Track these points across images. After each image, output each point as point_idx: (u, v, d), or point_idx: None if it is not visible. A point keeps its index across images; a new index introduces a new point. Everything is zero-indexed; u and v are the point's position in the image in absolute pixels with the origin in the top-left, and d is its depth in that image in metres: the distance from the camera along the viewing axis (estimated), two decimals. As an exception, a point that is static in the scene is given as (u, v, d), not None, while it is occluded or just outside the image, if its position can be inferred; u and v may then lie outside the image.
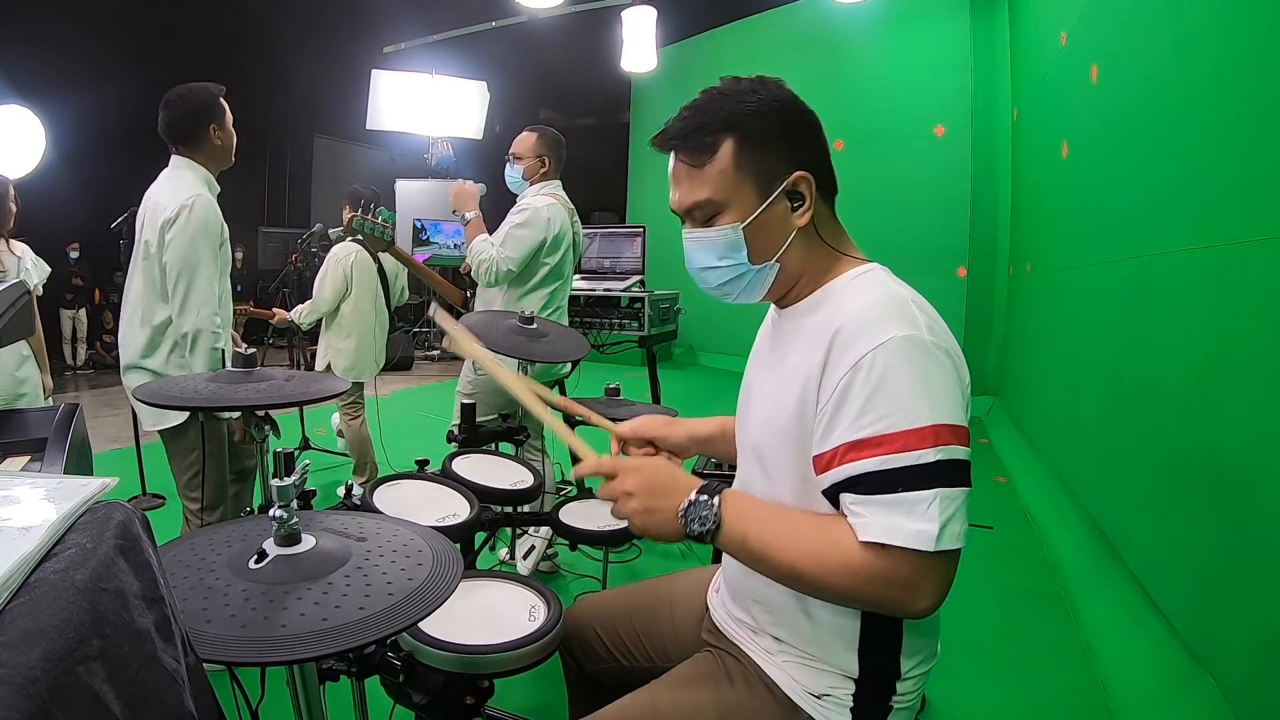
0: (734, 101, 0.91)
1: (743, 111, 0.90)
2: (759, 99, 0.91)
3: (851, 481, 0.80)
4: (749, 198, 0.90)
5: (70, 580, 0.42)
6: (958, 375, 0.83)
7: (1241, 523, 1.50)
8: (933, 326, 0.83)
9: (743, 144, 0.90)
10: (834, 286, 0.92)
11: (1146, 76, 2.29)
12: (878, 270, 0.93)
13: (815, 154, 0.92)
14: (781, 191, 0.90)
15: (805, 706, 0.91)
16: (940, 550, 0.76)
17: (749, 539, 0.85)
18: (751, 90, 0.91)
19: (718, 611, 1.06)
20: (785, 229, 0.91)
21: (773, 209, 0.90)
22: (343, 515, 0.95)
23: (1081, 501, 2.75)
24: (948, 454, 0.77)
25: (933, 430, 0.77)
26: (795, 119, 0.92)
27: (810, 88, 4.22)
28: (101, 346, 7.89)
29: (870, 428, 0.79)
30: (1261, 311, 1.49)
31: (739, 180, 0.90)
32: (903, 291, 0.88)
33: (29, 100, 3.40)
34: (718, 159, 0.90)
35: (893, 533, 0.77)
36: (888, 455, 0.78)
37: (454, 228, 8.19)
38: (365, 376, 3.32)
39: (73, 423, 1.40)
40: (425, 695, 0.99)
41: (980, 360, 5.54)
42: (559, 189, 2.46)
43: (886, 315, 0.82)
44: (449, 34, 7.84)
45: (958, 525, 0.77)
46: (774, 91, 0.92)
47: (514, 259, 2.26)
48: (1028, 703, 1.88)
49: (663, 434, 1.17)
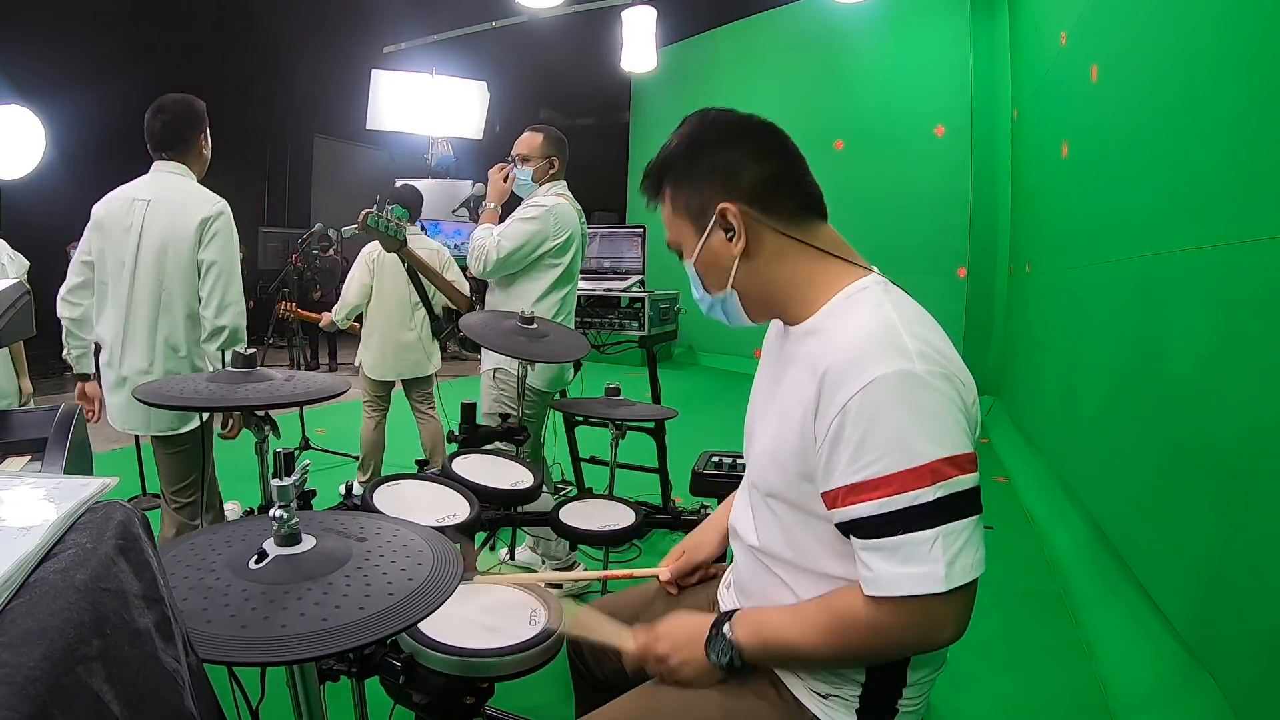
0: (670, 146, 0.95)
1: (672, 156, 0.94)
2: (684, 139, 0.94)
3: (853, 525, 0.80)
4: (690, 235, 0.95)
5: (70, 580, 0.42)
6: (959, 398, 0.80)
7: (1242, 523, 1.50)
8: (925, 353, 0.80)
9: (674, 187, 0.95)
10: (830, 309, 0.89)
11: (1146, 76, 2.29)
12: (872, 287, 0.89)
13: (755, 178, 0.90)
14: (713, 225, 0.91)
15: (811, 706, 0.91)
16: (954, 588, 0.76)
17: (769, 646, 0.89)
18: (683, 133, 0.95)
19: (728, 609, 1.06)
20: (728, 258, 0.92)
21: (710, 243, 0.93)
22: (343, 515, 0.95)
23: (1082, 501, 2.75)
24: (948, 489, 0.76)
25: (930, 468, 0.76)
26: (725, 150, 0.92)
27: (810, 88, 4.24)
28: (101, 346, 7.86)
29: (865, 470, 0.78)
30: (1262, 311, 1.49)
31: (679, 221, 0.96)
32: (893, 315, 0.83)
33: (29, 100, 3.40)
34: (665, 205, 0.97)
35: (900, 583, 0.77)
36: (885, 498, 0.77)
37: (454, 227, 8.19)
38: (390, 375, 3.22)
39: (73, 423, 1.40)
40: (425, 695, 0.99)
41: (980, 360, 5.54)
42: (566, 189, 2.41)
43: (873, 350, 0.79)
44: (449, 34, 7.84)
45: (969, 557, 0.77)
46: (697, 127, 0.94)
47: (507, 249, 2.20)
48: (1028, 703, 1.88)
49: (698, 556, 1.19)
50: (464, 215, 6.91)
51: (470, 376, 6.87)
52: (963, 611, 0.79)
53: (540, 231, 2.25)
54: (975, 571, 0.77)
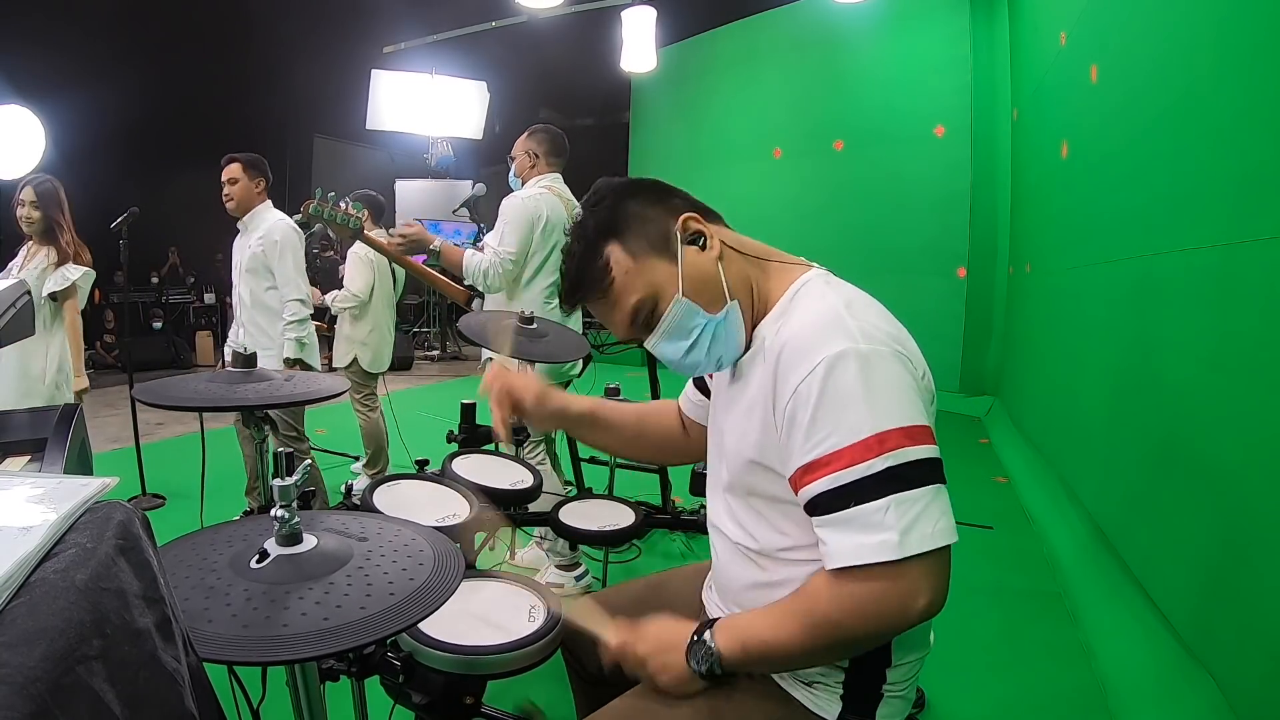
0: (588, 226, 0.94)
1: (598, 225, 0.93)
2: (603, 203, 0.94)
3: (811, 505, 0.82)
4: (665, 268, 0.92)
5: (71, 580, 0.42)
6: (904, 372, 0.82)
7: (1241, 522, 1.50)
8: (868, 331, 0.83)
9: (621, 241, 0.92)
10: (781, 307, 0.93)
11: (1146, 76, 2.29)
12: (814, 279, 0.93)
13: (681, 199, 0.96)
14: (683, 241, 0.92)
15: (797, 694, 0.92)
16: (912, 555, 0.76)
17: (749, 649, 0.87)
18: (591, 206, 0.95)
19: (711, 609, 1.08)
20: (712, 268, 0.92)
21: (689, 260, 0.92)
22: (344, 515, 0.95)
23: (1081, 501, 2.75)
24: (898, 458, 0.77)
25: (876, 439, 0.77)
26: (643, 189, 0.95)
27: (810, 88, 4.26)
28: (102, 346, 7.86)
29: (817, 449, 0.80)
30: (1261, 311, 1.49)
31: (645, 266, 0.92)
32: (835, 299, 0.87)
33: (29, 100, 3.40)
34: (616, 268, 0.92)
35: (855, 552, 0.77)
36: (836, 473, 0.78)
37: (454, 227, 8.19)
38: (384, 368, 3.40)
39: (73, 423, 1.40)
40: (425, 695, 0.99)
41: (980, 360, 5.54)
42: (556, 181, 2.47)
43: (819, 334, 0.83)
44: (449, 34, 7.83)
45: (928, 525, 0.77)
46: (609, 187, 0.96)
47: (513, 251, 2.27)
48: (1027, 702, 1.88)
49: (531, 403, 1.15)
50: (464, 215, 6.92)
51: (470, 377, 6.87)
52: (931, 579, 0.78)
53: (529, 221, 2.31)
54: (937, 540, 0.77)
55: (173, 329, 8.57)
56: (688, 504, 2.62)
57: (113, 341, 7.89)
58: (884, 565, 0.76)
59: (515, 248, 2.27)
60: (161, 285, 8.73)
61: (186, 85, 7.65)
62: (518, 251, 2.27)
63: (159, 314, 8.59)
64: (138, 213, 3.16)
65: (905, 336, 0.87)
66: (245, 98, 8.25)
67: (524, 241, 2.28)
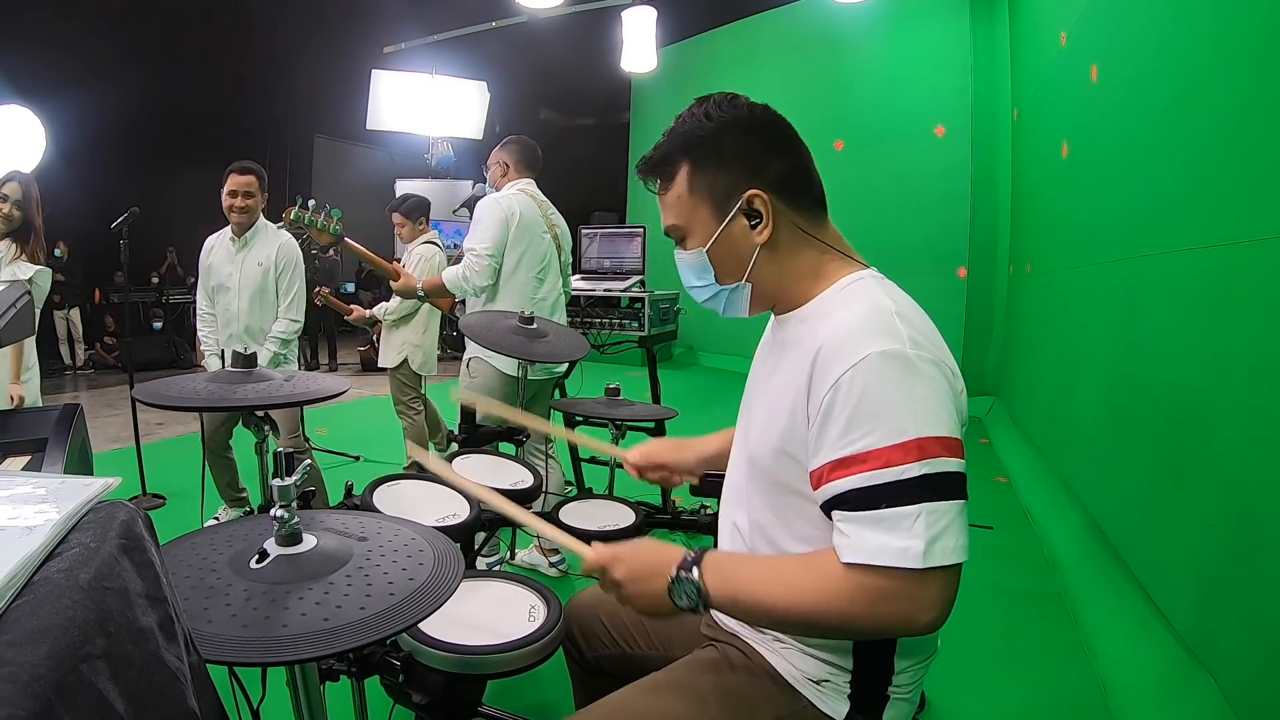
0: (690, 125, 0.92)
1: (695, 135, 0.92)
2: (710, 121, 0.91)
3: (838, 499, 0.80)
4: (706, 220, 0.92)
5: (74, 579, 0.42)
6: (948, 385, 0.81)
7: (1241, 523, 1.50)
8: (917, 339, 0.81)
9: (695, 168, 0.91)
10: (824, 298, 0.91)
11: (1146, 76, 2.29)
12: (867, 279, 0.91)
13: (778, 168, 0.91)
14: (738, 211, 0.90)
15: (805, 692, 0.92)
16: (931, 567, 0.75)
17: (738, 598, 0.85)
18: (705, 113, 0.92)
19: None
20: (748, 247, 0.91)
21: (731, 229, 0.91)
22: (344, 515, 0.95)
23: (1081, 501, 2.75)
24: (934, 467, 0.76)
25: (916, 444, 0.76)
26: (752, 136, 0.91)
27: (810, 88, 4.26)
28: (102, 347, 7.85)
29: (853, 445, 0.78)
30: (1261, 311, 1.49)
31: (694, 204, 0.92)
32: (887, 303, 0.85)
33: (29, 100, 3.41)
34: (676, 184, 0.93)
35: (878, 552, 0.76)
36: (871, 471, 0.77)
37: (454, 227, 8.19)
38: (432, 370, 3.52)
39: (73, 423, 1.40)
40: (425, 695, 0.99)
41: (980, 360, 5.54)
42: (529, 186, 2.53)
43: (866, 331, 0.81)
44: (449, 34, 7.84)
45: (951, 540, 0.76)
46: (728, 110, 0.92)
47: (488, 246, 2.32)
48: (1028, 702, 1.88)
49: (673, 459, 1.20)
50: (464, 215, 6.93)
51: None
52: (942, 595, 0.77)
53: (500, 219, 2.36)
54: (956, 556, 0.76)
55: (173, 329, 8.58)
56: (687, 504, 2.62)
57: (113, 342, 7.89)
58: (904, 571, 0.75)
59: (490, 243, 2.33)
60: (161, 285, 8.73)
61: (186, 85, 7.66)
62: (493, 246, 2.33)
63: (159, 314, 8.59)
64: (138, 212, 3.15)
65: (946, 348, 0.86)
66: (245, 98, 8.25)
67: (499, 238, 2.34)
